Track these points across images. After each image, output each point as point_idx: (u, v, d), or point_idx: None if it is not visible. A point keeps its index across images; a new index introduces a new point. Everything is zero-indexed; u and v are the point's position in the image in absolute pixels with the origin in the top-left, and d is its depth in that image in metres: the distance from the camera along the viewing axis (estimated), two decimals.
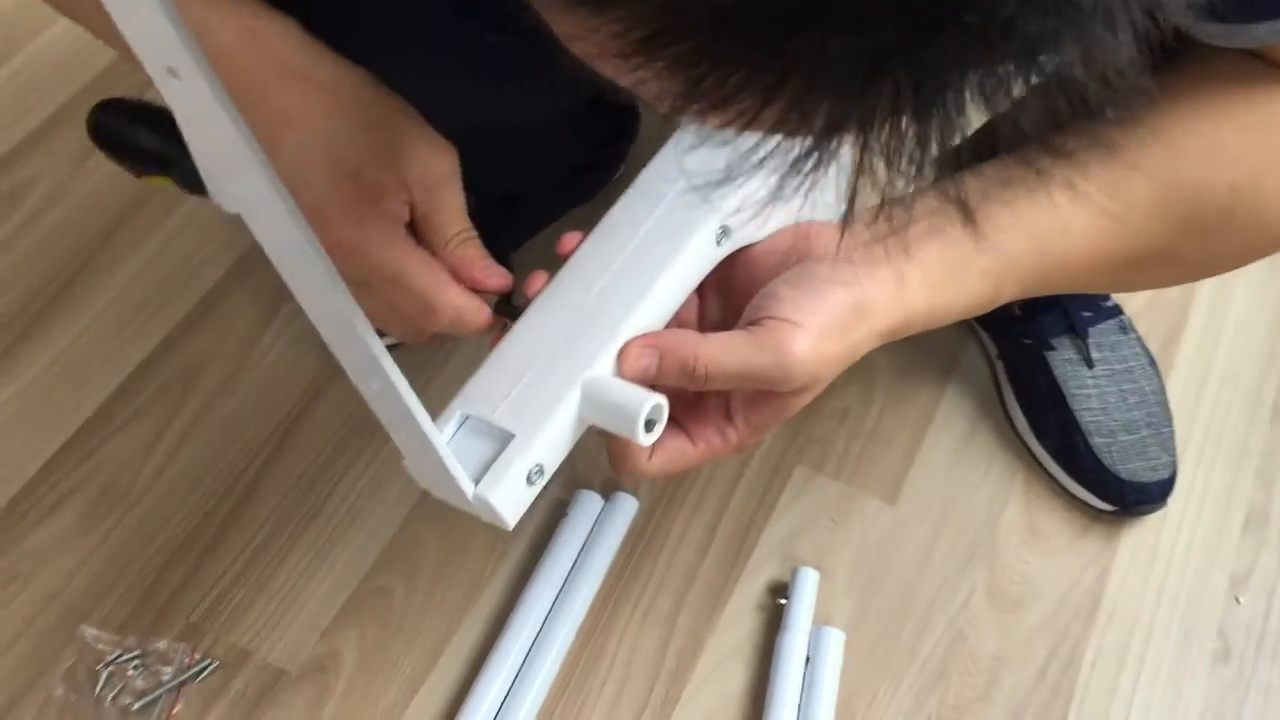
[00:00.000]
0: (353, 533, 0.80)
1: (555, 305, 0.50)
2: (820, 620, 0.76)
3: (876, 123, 0.23)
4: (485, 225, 0.54)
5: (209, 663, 0.74)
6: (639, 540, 0.80)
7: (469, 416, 0.47)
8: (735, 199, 0.49)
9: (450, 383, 0.87)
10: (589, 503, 0.80)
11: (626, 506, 0.80)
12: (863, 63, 0.22)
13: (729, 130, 0.25)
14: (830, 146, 0.24)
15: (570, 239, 0.51)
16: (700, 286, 0.52)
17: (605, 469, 0.82)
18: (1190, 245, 0.53)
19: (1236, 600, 0.79)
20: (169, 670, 0.74)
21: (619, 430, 0.46)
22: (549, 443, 0.46)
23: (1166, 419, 0.81)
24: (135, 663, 0.74)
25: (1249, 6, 0.47)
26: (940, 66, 0.22)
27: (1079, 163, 0.49)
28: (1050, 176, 0.49)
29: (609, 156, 0.93)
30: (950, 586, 0.78)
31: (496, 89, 0.67)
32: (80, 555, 0.79)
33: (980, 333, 0.89)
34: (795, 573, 0.77)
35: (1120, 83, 0.24)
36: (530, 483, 0.46)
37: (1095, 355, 0.82)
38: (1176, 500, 0.81)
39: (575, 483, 0.81)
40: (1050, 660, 0.76)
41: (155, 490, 0.82)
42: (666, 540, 0.80)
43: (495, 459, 0.45)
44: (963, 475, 0.84)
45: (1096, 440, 0.80)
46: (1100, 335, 0.83)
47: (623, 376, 0.47)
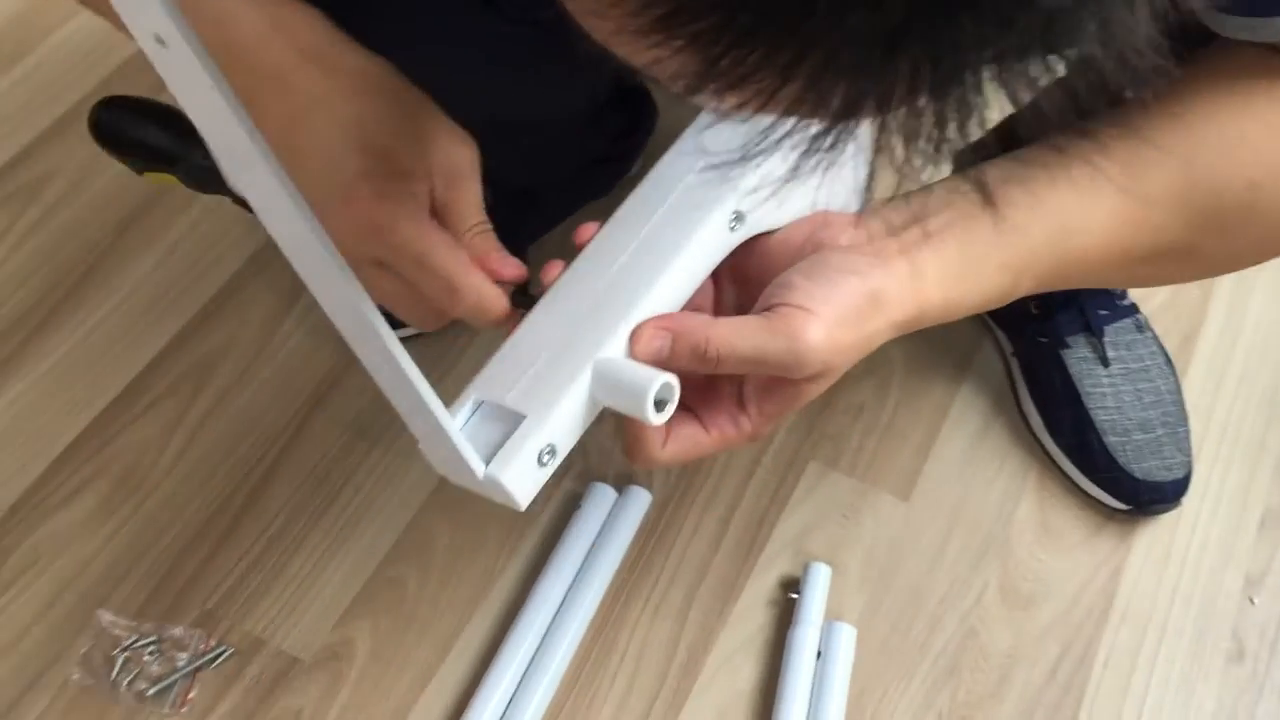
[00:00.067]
0: (367, 523, 0.81)
1: (569, 292, 0.50)
2: (832, 616, 0.76)
3: (894, 101, 0.23)
4: (503, 218, 0.54)
5: (224, 649, 0.75)
6: (651, 534, 0.80)
7: (483, 402, 0.48)
8: (753, 179, 0.49)
9: (466, 373, 0.86)
10: (602, 495, 0.80)
11: (639, 500, 0.80)
12: (881, 39, 0.22)
13: (744, 112, 0.25)
14: (848, 126, 0.24)
15: (587, 229, 0.52)
16: (716, 275, 0.52)
17: (618, 462, 0.82)
18: (1209, 241, 0.53)
19: (1251, 601, 0.78)
20: (184, 656, 0.74)
21: (629, 410, 0.45)
22: (560, 423, 0.46)
23: (1182, 418, 0.81)
24: (151, 648, 0.75)
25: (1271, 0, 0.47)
26: (958, 43, 0.22)
27: (1101, 144, 0.49)
28: (1071, 160, 0.49)
29: (626, 150, 0.93)
30: (963, 583, 0.78)
31: (515, 81, 0.67)
32: (98, 542, 0.79)
33: (995, 330, 0.89)
34: (807, 568, 0.77)
35: (1138, 61, 0.23)
36: (542, 463, 0.46)
37: (1111, 354, 0.82)
38: (1191, 500, 0.80)
39: (588, 475, 0.81)
40: (1062, 658, 0.76)
41: (172, 478, 0.82)
42: (679, 534, 0.80)
43: (505, 440, 0.45)
44: (976, 472, 0.83)
45: (1111, 439, 0.79)
46: (1116, 334, 0.82)
47: (635, 358, 0.47)
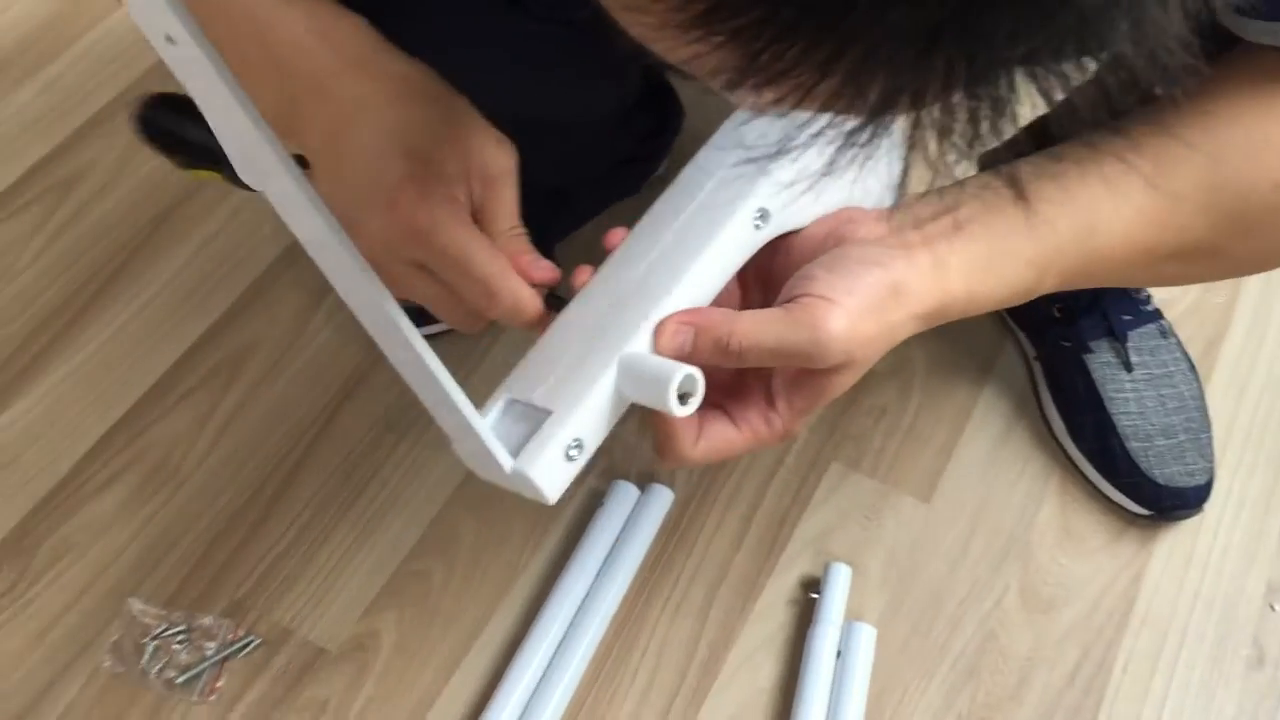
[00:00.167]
0: (393, 516, 0.82)
1: (597, 294, 0.51)
2: (852, 616, 0.76)
3: (929, 98, 0.24)
4: (532, 218, 0.55)
5: (252, 639, 0.76)
6: (674, 532, 0.81)
7: (512, 400, 0.49)
8: (788, 173, 0.49)
9: (492, 370, 0.88)
10: (625, 493, 0.80)
11: (662, 498, 0.81)
12: (919, 34, 0.22)
13: (781, 107, 0.25)
14: (884, 121, 0.25)
15: (615, 234, 0.52)
16: (743, 278, 0.53)
17: (642, 460, 0.83)
18: (1234, 242, 0.53)
19: (1272, 608, 0.78)
20: (213, 645, 0.76)
21: (653, 403, 0.46)
22: (587, 418, 0.47)
23: (1205, 425, 0.81)
24: (180, 637, 0.76)
25: None
26: (994, 40, 0.23)
27: (1133, 142, 0.49)
28: (1103, 157, 0.50)
29: (654, 150, 0.94)
30: (983, 586, 0.79)
31: (545, 82, 0.68)
32: (130, 531, 0.81)
33: (1018, 333, 0.89)
34: (828, 568, 0.77)
35: (1169, 60, 0.24)
36: (570, 458, 0.46)
37: (1134, 359, 0.82)
38: (1213, 506, 0.80)
39: (612, 473, 0.82)
40: (1082, 662, 0.76)
41: (203, 470, 0.84)
42: (701, 532, 0.81)
43: (533, 434, 0.46)
44: (998, 475, 0.84)
45: (1133, 444, 0.80)
46: (1139, 339, 0.82)
47: (659, 354, 0.48)
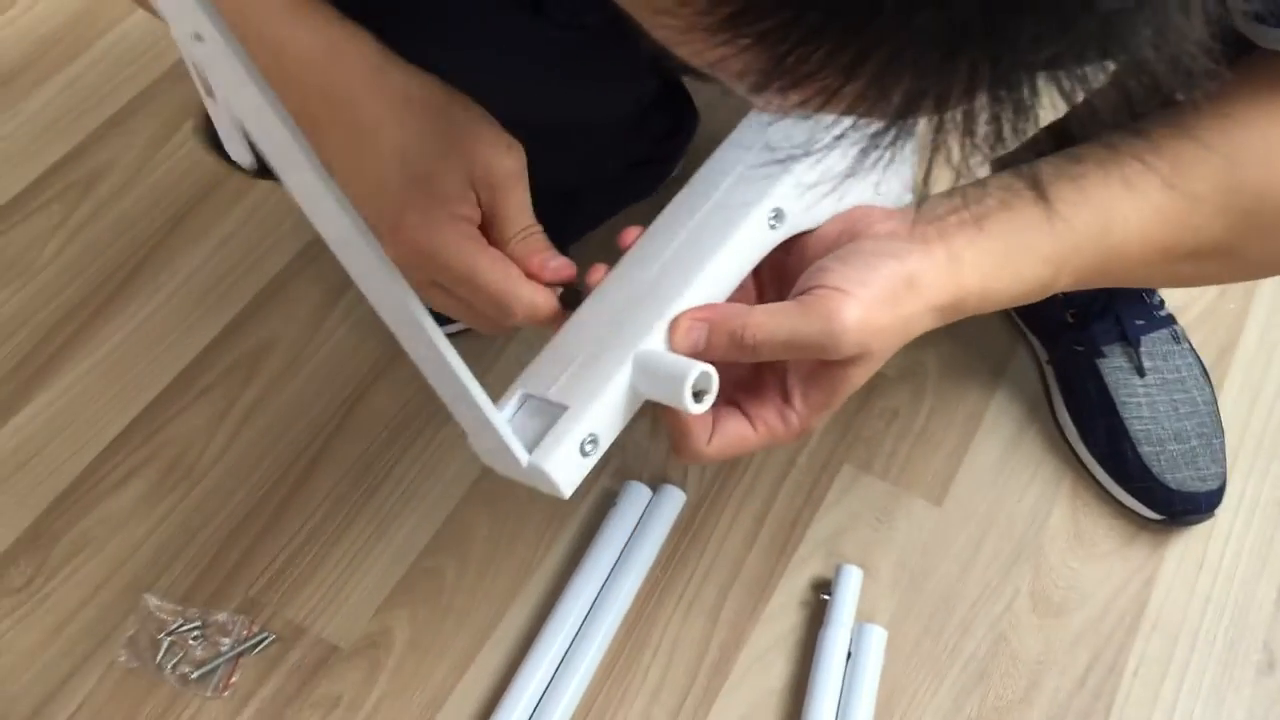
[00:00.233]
0: (407, 514, 0.82)
1: (612, 291, 0.51)
2: (863, 618, 0.76)
3: (952, 101, 0.24)
4: (546, 219, 0.55)
5: (266, 636, 0.77)
6: (685, 532, 0.81)
7: (528, 396, 0.49)
8: (803, 178, 0.50)
9: (508, 367, 0.89)
10: (637, 494, 0.81)
11: (674, 499, 0.81)
12: (944, 38, 0.23)
13: (805, 110, 0.26)
14: (908, 124, 0.25)
15: (630, 233, 0.53)
16: (758, 278, 0.53)
17: (654, 461, 0.84)
18: (1249, 243, 0.53)
19: None
20: (227, 641, 0.76)
21: (668, 400, 0.46)
22: (601, 413, 0.47)
23: (1217, 430, 0.81)
24: (195, 633, 0.77)
25: None
26: (1018, 44, 0.23)
27: (1153, 143, 0.50)
28: (1122, 158, 0.50)
29: (668, 152, 0.94)
30: (994, 589, 0.79)
31: (562, 86, 0.68)
32: (147, 526, 0.82)
33: (1030, 337, 0.89)
34: (839, 569, 0.78)
35: (1191, 64, 0.24)
36: (585, 453, 0.47)
37: (1147, 364, 0.82)
38: (1225, 511, 0.80)
39: (624, 474, 0.82)
40: (1092, 666, 0.76)
41: (220, 467, 0.84)
42: (713, 533, 0.81)
43: (549, 429, 0.47)
44: (1009, 479, 0.84)
45: (1145, 449, 0.80)
46: (1152, 344, 0.83)
47: (674, 349, 0.48)
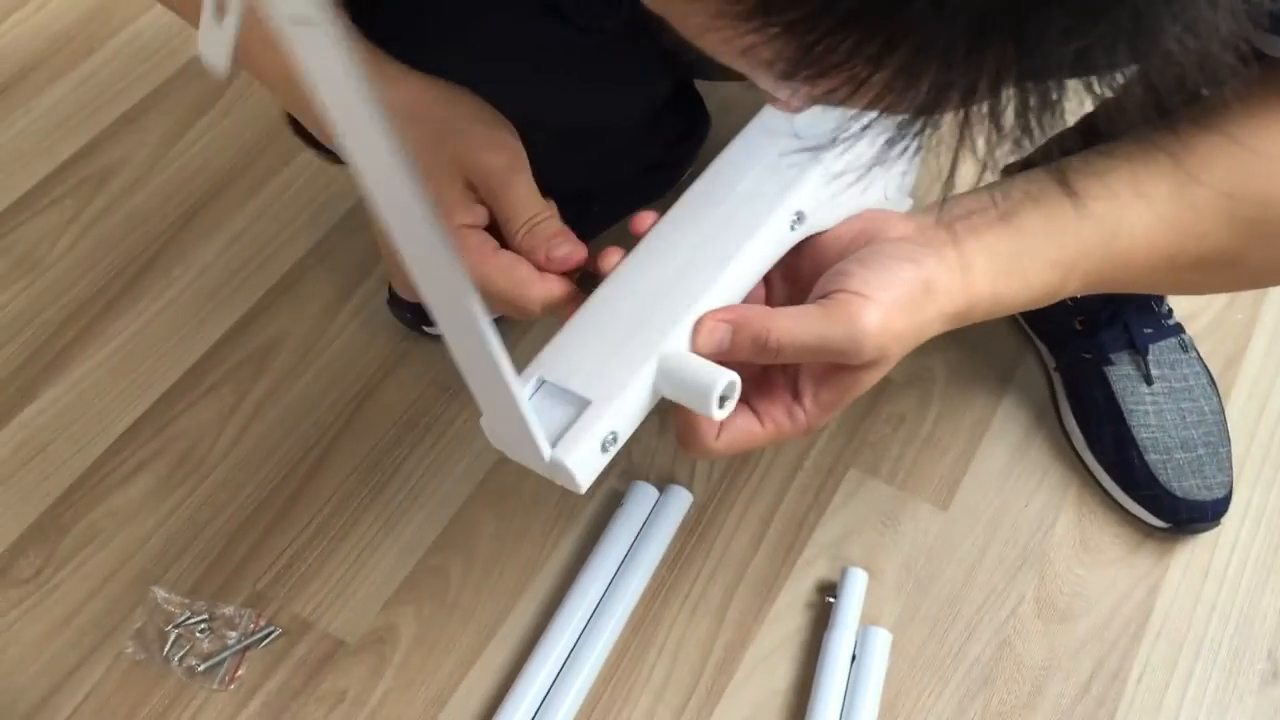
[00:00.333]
0: (413, 512, 0.83)
1: (632, 279, 0.51)
2: (868, 621, 0.76)
3: (979, 93, 0.24)
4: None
5: (272, 630, 0.77)
6: (692, 533, 0.81)
7: (545, 381, 0.49)
8: (831, 167, 0.50)
9: (524, 352, 0.88)
10: (644, 494, 0.81)
11: (680, 499, 0.81)
12: (973, 29, 0.23)
13: (831, 100, 0.26)
14: (933, 116, 0.26)
15: (645, 217, 0.52)
16: (767, 273, 0.53)
17: (661, 461, 0.84)
18: (1255, 250, 0.53)
19: None
20: (234, 635, 0.77)
21: (693, 405, 0.47)
22: (624, 412, 0.47)
23: (1224, 439, 0.81)
24: (202, 626, 0.77)
25: None
26: (1046, 36, 0.23)
27: (1184, 138, 0.50)
28: (1132, 163, 0.50)
29: (680, 156, 0.95)
30: (999, 594, 0.79)
31: (580, 89, 0.68)
32: (155, 519, 0.82)
33: (1038, 344, 0.89)
34: (844, 572, 0.78)
35: (1217, 59, 0.24)
36: (605, 450, 0.47)
37: (1155, 372, 0.82)
38: (1231, 520, 0.80)
39: (631, 474, 0.83)
40: (1096, 673, 0.76)
41: (229, 461, 0.85)
42: (719, 534, 0.81)
43: (571, 424, 0.47)
44: (1016, 485, 0.84)
45: (1152, 457, 0.80)
46: (1160, 353, 0.83)
47: (697, 350, 0.48)
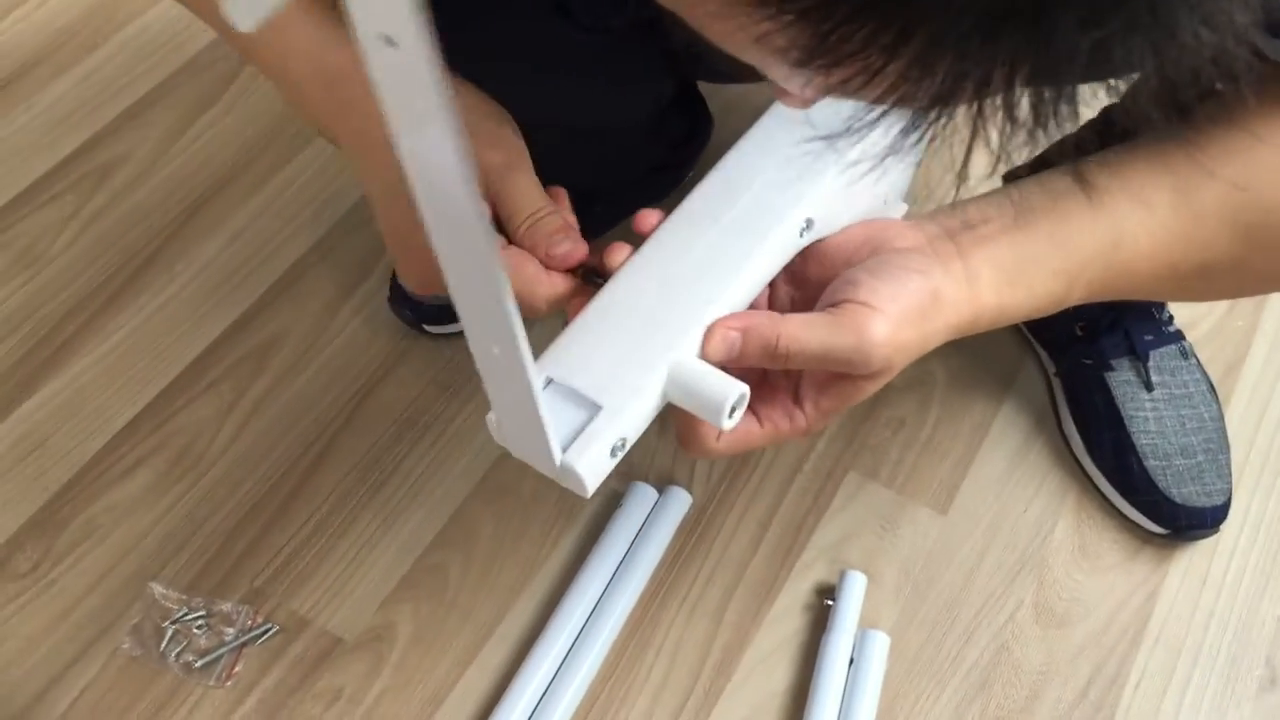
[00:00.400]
0: (412, 510, 0.83)
1: (639, 280, 0.50)
2: (866, 624, 0.76)
3: (993, 86, 0.24)
4: None
5: (270, 627, 0.77)
6: (691, 534, 0.81)
7: (552, 380, 0.48)
8: (854, 153, 0.50)
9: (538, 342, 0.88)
10: (643, 495, 0.81)
11: (680, 501, 0.81)
12: (988, 18, 0.23)
13: (844, 91, 0.26)
14: (949, 105, 0.25)
15: (649, 216, 0.52)
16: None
17: (660, 462, 0.84)
18: (1259, 258, 0.53)
19: None
20: (231, 631, 0.76)
21: (702, 415, 0.47)
22: (634, 418, 0.47)
23: (1224, 445, 0.81)
24: (200, 622, 0.77)
25: None
26: (1060, 27, 0.23)
27: (1195, 141, 0.50)
28: (1136, 170, 0.50)
29: (683, 157, 0.95)
30: (997, 599, 0.79)
31: (586, 89, 0.68)
32: (154, 515, 0.82)
33: (1039, 350, 0.89)
34: (843, 575, 0.78)
35: (1236, 52, 0.24)
36: (613, 455, 0.47)
37: (1155, 379, 0.82)
38: (1230, 527, 0.80)
39: (630, 475, 0.82)
40: (1094, 678, 0.76)
41: (228, 457, 0.85)
42: (718, 536, 0.81)
43: (582, 428, 0.46)
44: (1015, 490, 0.84)
45: (1151, 463, 0.80)
46: (1161, 359, 0.83)
47: (706, 357, 0.48)
